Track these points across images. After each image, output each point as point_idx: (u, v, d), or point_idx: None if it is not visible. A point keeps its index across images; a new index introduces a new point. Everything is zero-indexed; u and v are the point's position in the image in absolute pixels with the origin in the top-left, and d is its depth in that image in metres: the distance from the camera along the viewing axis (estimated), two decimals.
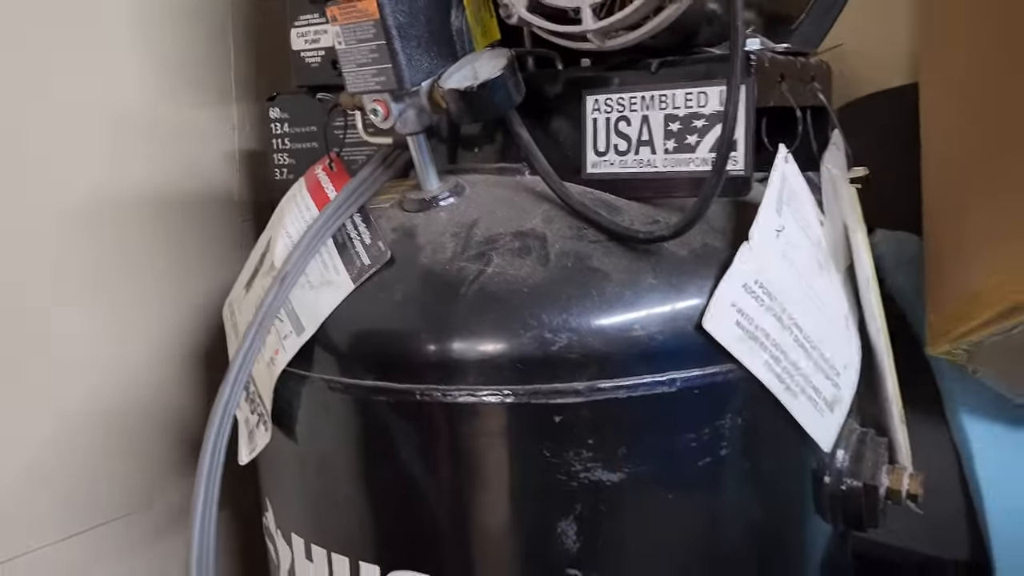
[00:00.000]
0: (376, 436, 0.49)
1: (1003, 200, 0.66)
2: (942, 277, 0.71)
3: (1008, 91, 0.69)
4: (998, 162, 0.68)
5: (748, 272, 0.48)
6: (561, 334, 0.46)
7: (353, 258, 0.52)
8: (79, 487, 0.67)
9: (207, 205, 0.74)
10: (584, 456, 0.47)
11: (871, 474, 0.55)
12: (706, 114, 0.49)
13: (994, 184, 0.68)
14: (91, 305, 0.67)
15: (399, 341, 0.48)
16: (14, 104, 0.61)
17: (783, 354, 0.49)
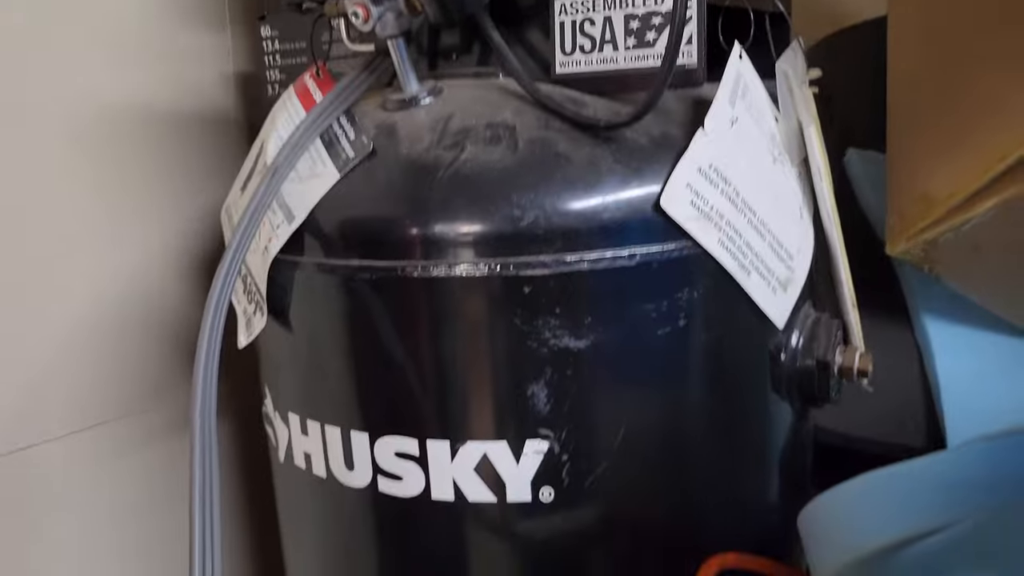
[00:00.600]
0: (361, 312, 0.54)
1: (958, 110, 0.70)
2: (900, 180, 0.75)
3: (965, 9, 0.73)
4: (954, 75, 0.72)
5: (702, 156, 0.52)
6: (529, 212, 0.50)
7: (339, 152, 0.56)
8: (82, 387, 0.72)
9: (204, 124, 0.78)
10: (552, 324, 0.51)
11: (824, 351, 0.59)
12: (663, 12, 0.53)
13: (950, 95, 0.71)
14: (92, 215, 0.71)
15: (381, 223, 0.52)
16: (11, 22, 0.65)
17: (737, 234, 0.54)
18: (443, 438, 0.53)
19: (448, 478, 0.53)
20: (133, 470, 0.76)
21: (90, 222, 0.71)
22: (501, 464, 0.53)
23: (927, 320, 0.79)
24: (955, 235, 0.68)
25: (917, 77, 0.79)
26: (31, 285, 0.68)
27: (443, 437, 0.53)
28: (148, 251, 0.75)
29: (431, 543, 0.56)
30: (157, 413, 0.77)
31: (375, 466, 0.55)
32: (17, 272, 0.67)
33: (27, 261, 0.68)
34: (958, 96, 0.71)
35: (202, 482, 0.50)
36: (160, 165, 0.76)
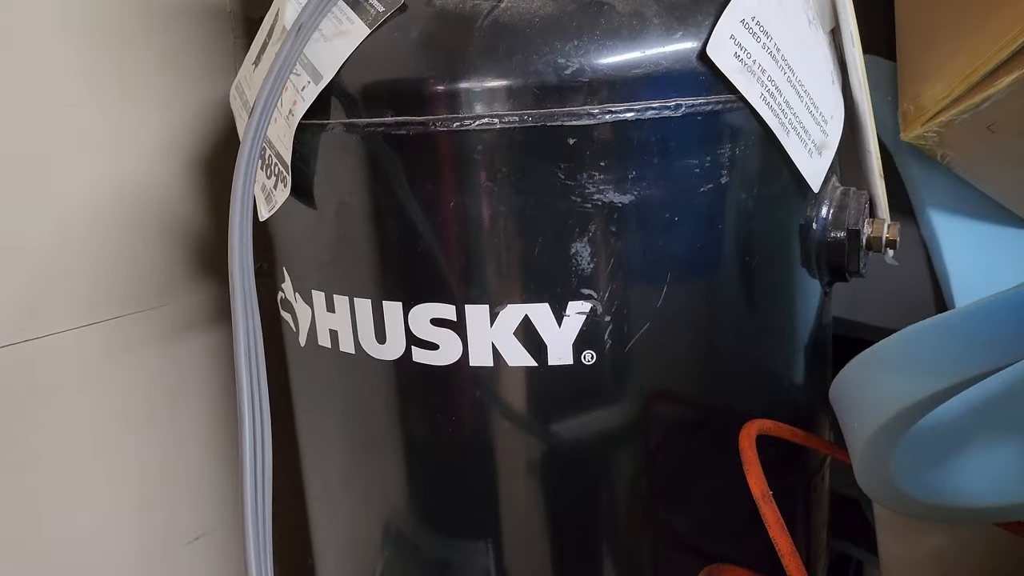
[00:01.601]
0: (395, 173, 0.52)
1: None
2: (913, 65, 0.74)
3: None
4: None
5: (746, 7, 0.51)
6: (573, 60, 0.49)
7: (367, 8, 0.53)
8: (87, 280, 0.69)
9: (201, 15, 0.75)
10: (596, 178, 0.50)
11: (854, 222, 0.59)
12: None
13: None
14: (90, 105, 0.68)
15: (418, 76, 0.50)
16: None
17: (778, 90, 0.53)
18: (482, 303, 0.52)
19: (487, 343, 0.52)
20: (144, 365, 0.74)
21: (88, 113, 0.68)
22: (543, 327, 0.51)
23: (932, 213, 0.80)
24: (972, 115, 0.68)
25: None
26: (31, 177, 0.64)
27: (482, 302, 0.52)
28: (148, 142, 0.72)
29: (467, 412, 0.54)
30: (166, 311, 0.75)
31: (409, 336, 0.53)
32: (16, 164, 0.64)
33: (25, 152, 0.64)
34: None
35: (248, 357, 0.46)
36: (157, 56, 0.72)
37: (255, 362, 0.44)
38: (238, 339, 0.44)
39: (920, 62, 0.74)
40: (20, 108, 0.64)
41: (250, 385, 0.43)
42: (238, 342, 0.44)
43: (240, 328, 0.46)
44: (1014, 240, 0.79)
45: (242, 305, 0.48)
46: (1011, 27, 0.63)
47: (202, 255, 0.76)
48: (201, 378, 0.77)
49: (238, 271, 0.49)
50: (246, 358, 0.44)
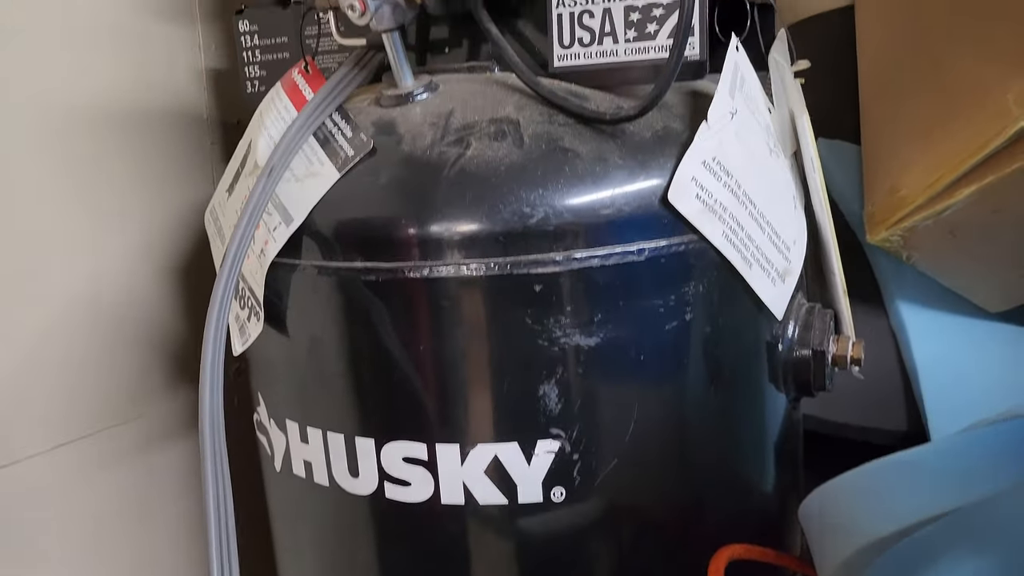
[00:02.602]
0: (365, 315, 0.53)
1: (934, 95, 0.71)
2: (878, 169, 0.76)
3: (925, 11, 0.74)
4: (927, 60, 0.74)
5: (707, 149, 0.52)
6: (538, 208, 0.50)
7: (336, 150, 0.54)
8: (62, 397, 0.69)
9: (177, 121, 0.76)
10: (563, 322, 0.50)
11: (819, 341, 0.60)
12: (664, 3, 0.53)
13: (925, 80, 0.73)
14: (65, 216, 0.68)
15: (385, 222, 0.51)
16: None
17: (739, 227, 0.54)
18: (453, 442, 0.52)
19: (458, 482, 0.53)
20: (119, 481, 0.74)
21: (63, 224, 0.68)
22: (512, 466, 0.52)
23: (901, 306, 0.81)
24: (934, 222, 0.69)
25: (889, 63, 0.81)
26: (4, 292, 0.65)
27: (453, 441, 0.52)
28: (124, 252, 0.72)
29: (440, 548, 0.55)
30: (142, 422, 0.75)
31: (381, 472, 0.54)
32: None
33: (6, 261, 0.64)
34: (932, 81, 0.73)
35: (215, 495, 0.48)
36: (133, 163, 0.73)
37: (223, 506, 0.46)
38: (207, 494, 0.45)
39: (884, 165, 0.75)
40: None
41: (217, 518, 0.45)
42: (207, 498, 0.45)
43: (209, 480, 0.47)
44: (982, 332, 0.80)
45: (211, 453, 0.49)
46: (972, 140, 0.64)
47: (178, 361, 0.76)
48: (178, 486, 0.77)
49: (208, 404, 0.50)
50: (214, 506, 0.45)
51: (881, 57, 0.81)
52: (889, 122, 0.77)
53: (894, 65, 0.79)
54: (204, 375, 0.51)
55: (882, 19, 0.83)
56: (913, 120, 0.73)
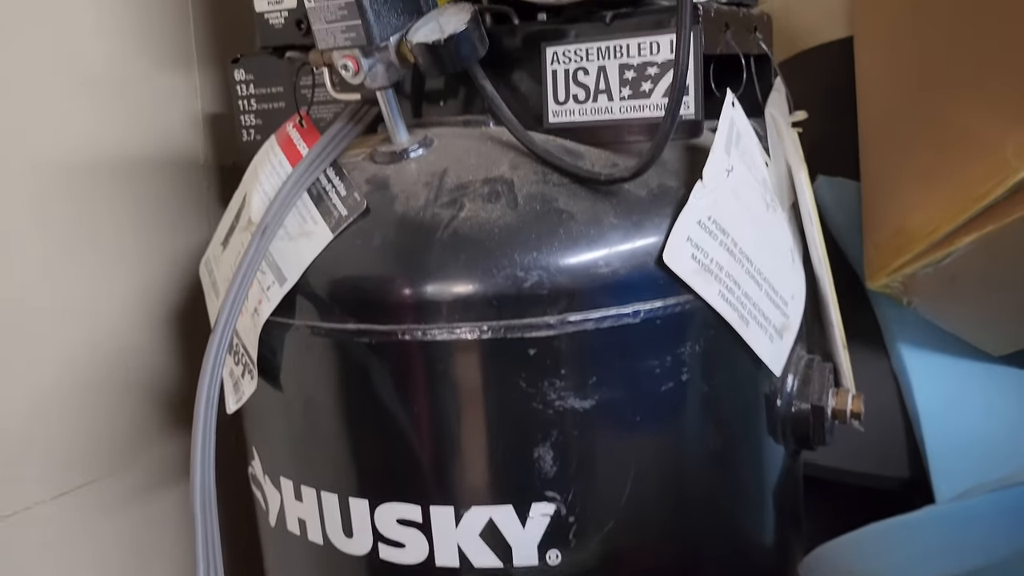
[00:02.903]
0: (359, 376, 0.52)
1: (933, 142, 0.71)
2: (878, 214, 0.76)
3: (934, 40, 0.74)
4: (927, 107, 0.73)
5: (702, 208, 0.52)
6: (532, 272, 0.49)
7: (330, 209, 0.54)
8: (63, 447, 0.69)
9: (173, 168, 0.75)
10: (558, 386, 0.50)
11: (818, 396, 0.60)
12: (658, 62, 0.53)
13: (925, 127, 0.73)
14: (61, 268, 0.68)
15: (379, 284, 0.51)
16: None
17: (736, 285, 0.53)
18: (447, 504, 0.52)
19: (452, 544, 0.52)
20: (118, 528, 0.73)
21: (59, 275, 0.68)
22: (507, 529, 0.52)
23: (903, 349, 0.80)
24: (934, 269, 0.69)
25: (889, 106, 0.80)
26: (3, 348, 0.64)
27: (447, 503, 0.52)
28: (120, 300, 0.72)
29: None
30: (140, 469, 0.74)
31: (376, 533, 0.53)
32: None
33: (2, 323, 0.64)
34: (931, 128, 0.73)
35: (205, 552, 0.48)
36: (129, 210, 0.73)
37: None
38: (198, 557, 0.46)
39: (884, 211, 0.75)
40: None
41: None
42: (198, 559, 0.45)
43: (200, 547, 0.47)
44: (985, 376, 0.79)
45: (201, 512, 0.49)
46: (971, 190, 0.64)
47: (175, 406, 0.76)
48: (176, 530, 0.77)
49: (199, 461, 0.50)
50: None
51: (880, 100, 0.81)
52: (888, 167, 0.76)
53: (894, 109, 0.79)
54: (196, 438, 0.50)
55: (881, 62, 0.83)
56: (913, 166, 0.72)
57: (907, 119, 0.76)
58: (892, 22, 0.84)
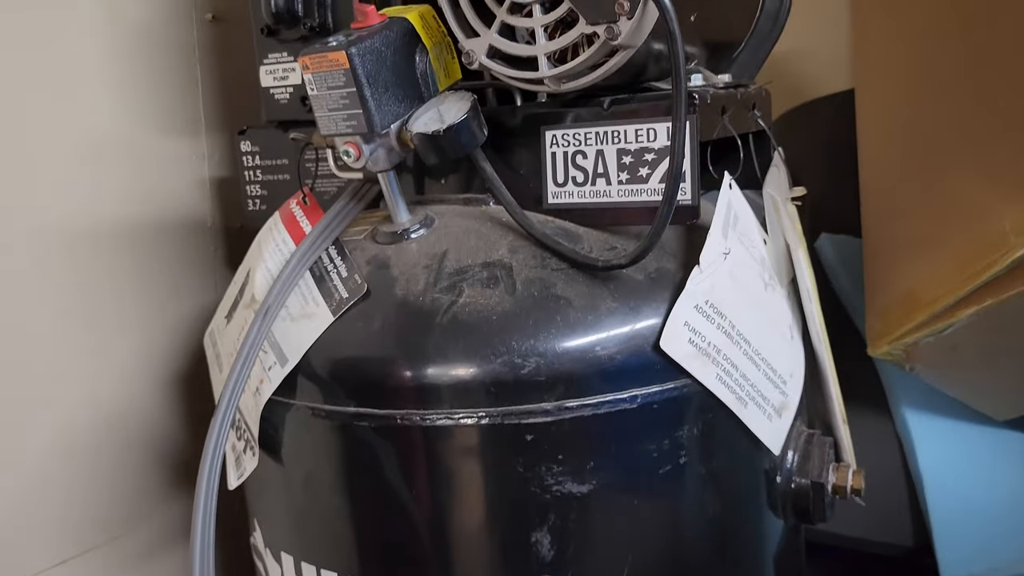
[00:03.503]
0: (359, 459, 0.53)
1: (934, 211, 0.71)
2: (879, 280, 0.76)
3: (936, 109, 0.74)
4: (928, 175, 0.74)
5: (699, 293, 0.52)
6: (530, 358, 0.50)
7: (331, 291, 0.55)
8: (65, 514, 0.69)
9: (180, 231, 0.77)
10: (555, 471, 0.50)
11: (818, 472, 0.59)
12: (655, 148, 0.53)
13: (926, 195, 0.73)
14: (67, 330, 0.69)
15: (379, 369, 0.51)
16: None
17: (734, 367, 0.54)
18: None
19: None
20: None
21: (63, 341, 0.69)
22: None
23: (907, 413, 0.80)
24: (935, 338, 0.69)
25: (889, 171, 0.81)
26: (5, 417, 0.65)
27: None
28: (124, 364, 0.73)
29: None
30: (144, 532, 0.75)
31: None
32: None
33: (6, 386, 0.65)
34: (931, 195, 0.73)
35: None
36: (136, 275, 0.74)
37: None
38: None
39: (884, 279, 0.75)
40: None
41: None
42: None
43: None
44: (990, 440, 0.79)
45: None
46: (970, 264, 0.64)
47: (176, 469, 0.77)
48: None
49: (199, 540, 0.50)
50: None
51: (881, 162, 0.81)
52: (889, 233, 0.77)
53: (895, 172, 0.79)
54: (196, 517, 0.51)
55: (882, 123, 0.84)
56: (912, 234, 0.73)
57: (908, 183, 0.76)
58: (893, 83, 0.85)
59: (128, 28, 0.71)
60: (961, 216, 0.67)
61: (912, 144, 0.77)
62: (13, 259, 0.65)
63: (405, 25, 0.54)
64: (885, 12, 0.90)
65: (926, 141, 0.75)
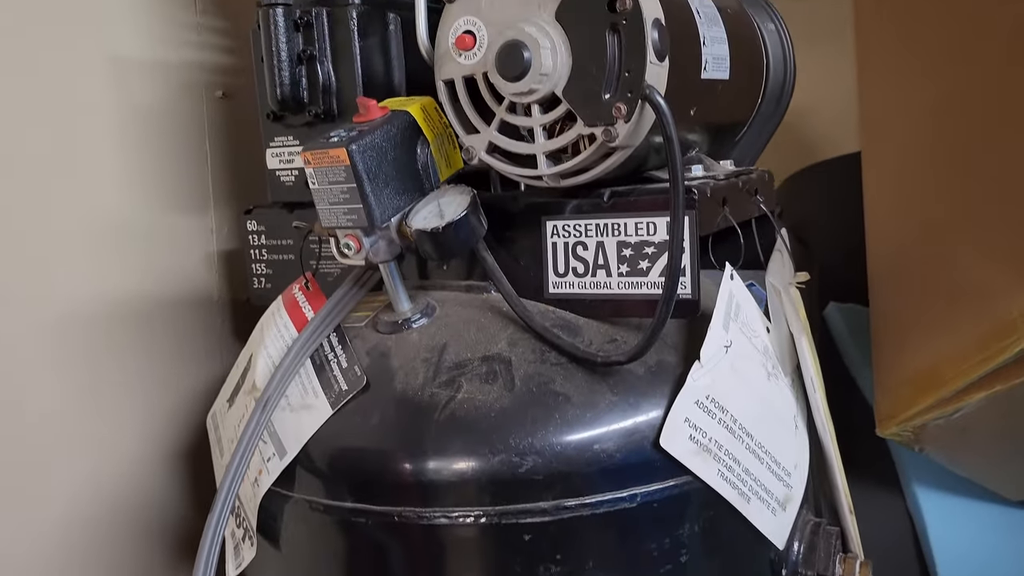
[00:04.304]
0: (356, 554, 0.52)
1: (941, 290, 0.71)
2: (887, 360, 0.75)
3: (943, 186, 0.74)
4: (936, 253, 0.73)
5: (700, 388, 0.52)
6: (527, 456, 0.49)
7: (331, 382, 0.55)
8: None
9: (187, 306, 0.77)
10: (553, 571, 0.50)
11: (824, 565, 0.58)
12: (655, 242, 0.53)
13: (933, 274, 0.72)
14: (70, 407, 0.69)
15: (376, 466, 0.51)
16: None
17: (736, 462, 0.53)
18: None
19: None
20: None
21: (67, 414, 0.69)
22: None
23: (918, 491, 0.79)
24: (945, 421, 0.68)
25: (896, 250, 0.80)
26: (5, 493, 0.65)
27: None
28: (129, 440, 0.73)
29: None
30: None
31: None
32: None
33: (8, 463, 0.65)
34: (940, 275, 0.72)
35: None
36: (142, 350, 0.74)
37: None
38: None
39: (892, 359, 0.74)
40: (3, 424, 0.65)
41: None
42: None
43: None
44: (1004, 520, 0.77)
45: None
46: (979, 350, 0.63)
47: (180, 544, 0.76)
48: None
49: None
50: None
51: (888, 239, 0.81)
52: (896, 312, 0.76)
53: (903, 248, 0.78)
54: None
55: (890, 197, 0.83)
56: (921, 313, 0.72)
57: (915, 260, 0.76)
58: (900, 156, 0.85)
59: (138, 109, 0.72)
60: (969, 299, 0.67)
61: (919, 220, 0.77)
62: (16, 338, 0.66)
63: (406, 118, 0.55)
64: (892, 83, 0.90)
65: (933, 218, 0.75)
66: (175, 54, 0.75)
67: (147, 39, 0.73)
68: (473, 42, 0.51)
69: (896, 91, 0.89)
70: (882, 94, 0.92)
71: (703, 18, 0.54)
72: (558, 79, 0.49)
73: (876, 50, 0.96)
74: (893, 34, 0.92)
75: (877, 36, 0.95)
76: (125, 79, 0.72)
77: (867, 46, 0.97)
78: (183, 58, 0.76)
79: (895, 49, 0.91)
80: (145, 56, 0.73)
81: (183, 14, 0.76)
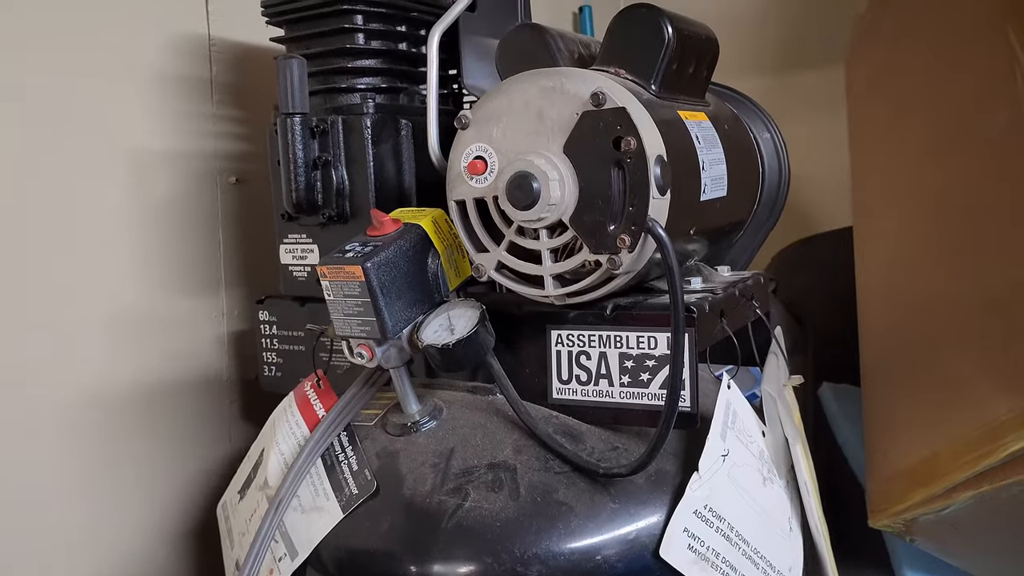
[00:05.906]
0: None
1: (931, 388, 0.73)
2: (879, 453, 0.77)
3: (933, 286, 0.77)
4: (924, 350, 0.76)
5: (698, 499, 0.54)
6: (532, 567, 0.51)
7: (342, 484, 0.56)
8: None
9: (197, 387, 0.79)
10: None
11: None
12: (656, 355, 0.55)
13: (923, 371, 0.75)
14: (88, 494, 0.71)
15: (385, 572, 0.53)
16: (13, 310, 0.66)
17: (733, 569, 0.55)
18: None
19: None
20: None
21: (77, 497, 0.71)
22: None
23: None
24: (935, 516, 0.70)
25: (887, 343, 0.83)
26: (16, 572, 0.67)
27: None
28: (138, 521, 0.75)
29: None
30: None
31: None
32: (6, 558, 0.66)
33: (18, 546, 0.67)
34: (929, 371, 0.75)
35: None
36: (152, 432, 0.76)
37: None
38: None
39: (883, 452, 0.76)
40: (17, 505, 0.67)
41: None
42: None
43: None
44: None
45: None
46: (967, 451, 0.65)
47: None
48: None
49: None
50: None
51: (879, 330, 0.83)
52: (888, 406, 0.78)
53: (892, 343, 0.81)
54: None
55: (880, 289, 0.86)
56: (911, 409, 0.74)
57: (905, 356, 0.78)
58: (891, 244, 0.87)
59: (154, 199, 0.75)
60: (957, 400, 0.69)
61: (908, 316, 0.79)
62: (30, 423, 0.67)
63: (418, 232, 0.57)
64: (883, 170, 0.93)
65: (921, 315, 0.77)
66: (191, 144, 0.78)
67: (165, 131, 0.76)
68: (485, 167, 0.54)
69: (887, 178, 0.91)
70: (873, 180, 0.95)
71: (702, 143, 0.57)
72: (566, 208, 0.52)
73: (869, 134, 0.99)
74: (884, 121, 0.95)
75: (870, 121, 0.99)
76: (143, 170, 0.74)
77: (860, 130, 1.01)
78: (199, 147, 0.79)
79: (886, 135, 0.94)
80: (162, 147, 0.76)
81: (201, 105, 0.79)
